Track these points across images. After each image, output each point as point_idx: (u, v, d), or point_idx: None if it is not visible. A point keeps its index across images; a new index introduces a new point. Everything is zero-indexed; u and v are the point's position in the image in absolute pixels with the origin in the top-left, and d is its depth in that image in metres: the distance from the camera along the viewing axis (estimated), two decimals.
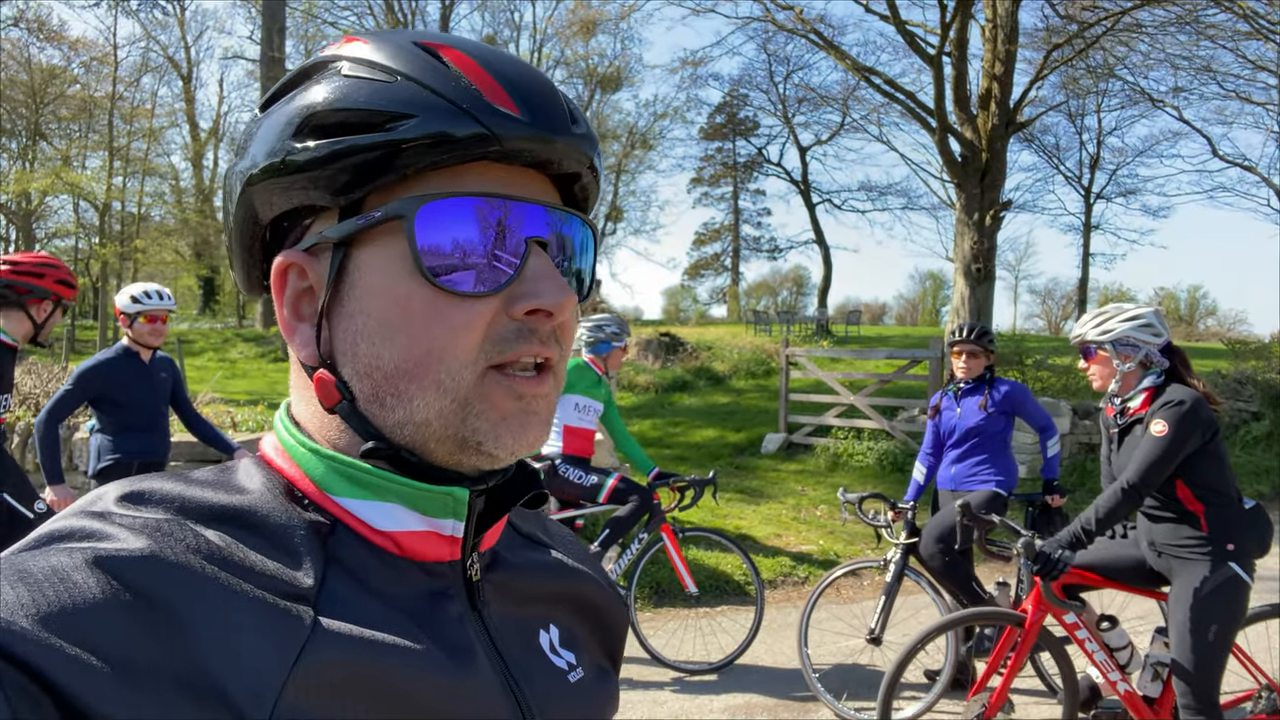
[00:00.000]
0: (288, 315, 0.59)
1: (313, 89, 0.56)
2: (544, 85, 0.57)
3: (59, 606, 0.43)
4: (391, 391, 0.55)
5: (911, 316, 57.22)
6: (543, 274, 0.56)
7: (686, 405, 14.13)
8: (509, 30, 28.60)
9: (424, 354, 0.54)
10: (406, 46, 0.56)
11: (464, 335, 0.54)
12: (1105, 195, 30.74)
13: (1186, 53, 20.96)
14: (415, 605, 0.56)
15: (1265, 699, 3.34)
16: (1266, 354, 14.61)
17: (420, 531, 0.57)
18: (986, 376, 4.47)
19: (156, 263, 28.61)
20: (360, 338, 0.56)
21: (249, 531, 0.53)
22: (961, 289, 14.33)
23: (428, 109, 0.53)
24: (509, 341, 0.55)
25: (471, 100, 0.54)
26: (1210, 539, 2.97)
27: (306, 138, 0.54)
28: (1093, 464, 9.93)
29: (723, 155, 39.80)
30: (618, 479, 4.63)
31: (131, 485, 0.53)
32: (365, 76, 0.55)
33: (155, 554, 0.47)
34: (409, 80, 0.54)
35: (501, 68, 0.56)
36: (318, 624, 0.50)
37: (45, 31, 25.66)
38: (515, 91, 0.55)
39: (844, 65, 16.45)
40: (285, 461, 0.59)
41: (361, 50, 0.56)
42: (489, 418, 0.55)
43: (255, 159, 0.57)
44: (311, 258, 0.58)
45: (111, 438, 4.14)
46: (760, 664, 4.75)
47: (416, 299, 0.54)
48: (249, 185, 0.57)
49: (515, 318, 0.55)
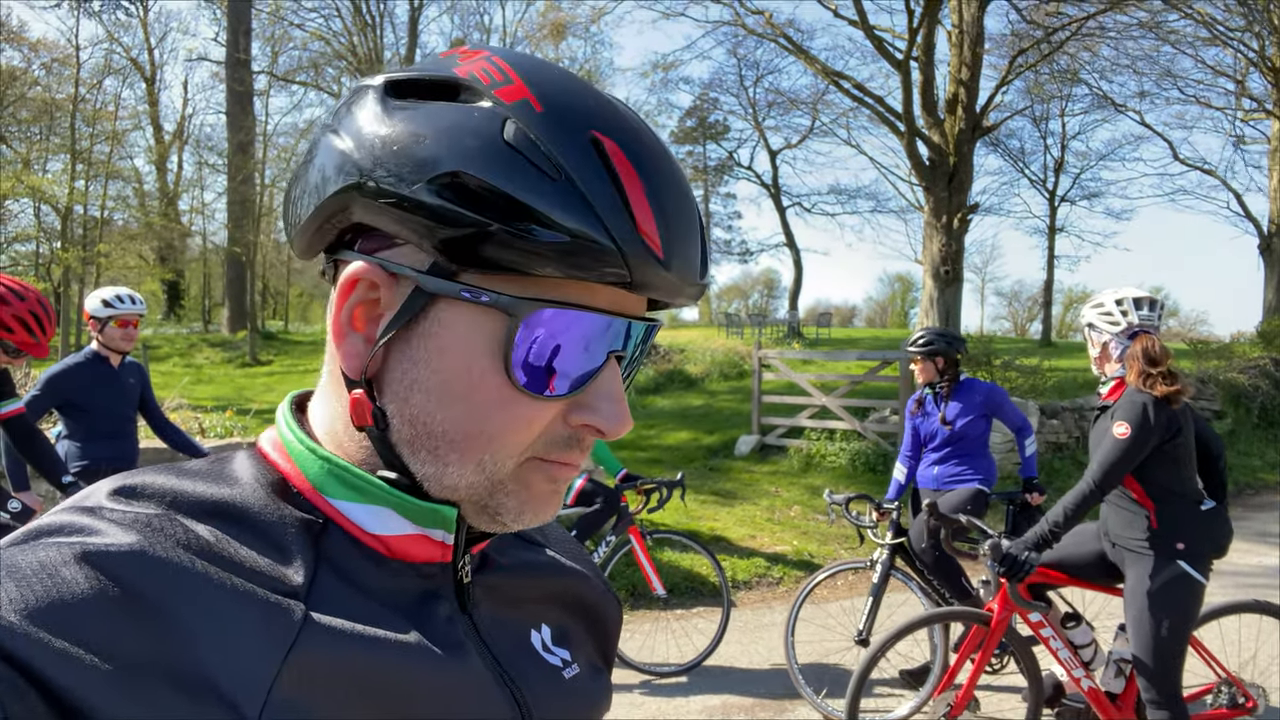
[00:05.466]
0: (343, 320, 0.56)
1: (468, 140, 0.51)
2: (692, 224, 0.55)
3: (47, 602, 0.43)
4: (431, 449, 0.55)
5: (881, 318, 57.70)
6: (609, 394, 0.56)
7: (660, 408, 14.15)
8: (479, 34, 28.47)
9: (477, 432, 0.54)
10: (580, 134, 0.52)
11: (523, 431, 0.54)
12: (1069, 198, 31.12)
13: (1148, 58, 21.38)
14: (405, 604, 0.56)
15: (1225, 693, 3.42)
16: (1228, 354, 14.93)
17: (411, 535, 0.57)
18: (956, 379, 4.54)
19: (120, 267, 28.10)
20: (417, 387, 0.54)
21: (241, 527, 0.52)
22: (930, 291, 14.49)
23: (576, 220, 0.50)
24: (558, 446, 0.56)
25: (625, 233, 0.51)
26: (1159, 535, 3.02)
27: (442, 189, 0.50)
28: (1060, 463, 10.09)
29: (694, 159, 39.84)
30: (584, 481, 4.65)
31: (124, 480, 0.53)
32: (527, 157, 0.50)
33: (144, 549, 0.47)
34: (570, 183, 0.50)
35: (660, 191, 0.53)
36: (309, 619, 0.50)
37: (5, 32, 25.16)
38: (666, 228, 0.53)
39: (813, 70, 16.59)
40: (282, 457, 0.59)
41: (532, 115, 0.51)
42: (520, 497, 0.56)
43: (374, 166, 0.52)
44: (391, 278, 0.54)
45: (79, 444, 4.08)
46: (737, 665, 4.78)
47: (490, 382, 0.53)
48: (352, 188, 0.52)
49: (571, 426, 0.56)
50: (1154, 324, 3.17)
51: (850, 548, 7.23)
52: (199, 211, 32.94)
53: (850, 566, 4.38)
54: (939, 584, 4.19)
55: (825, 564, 5.53)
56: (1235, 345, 16.64)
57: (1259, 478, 10.75)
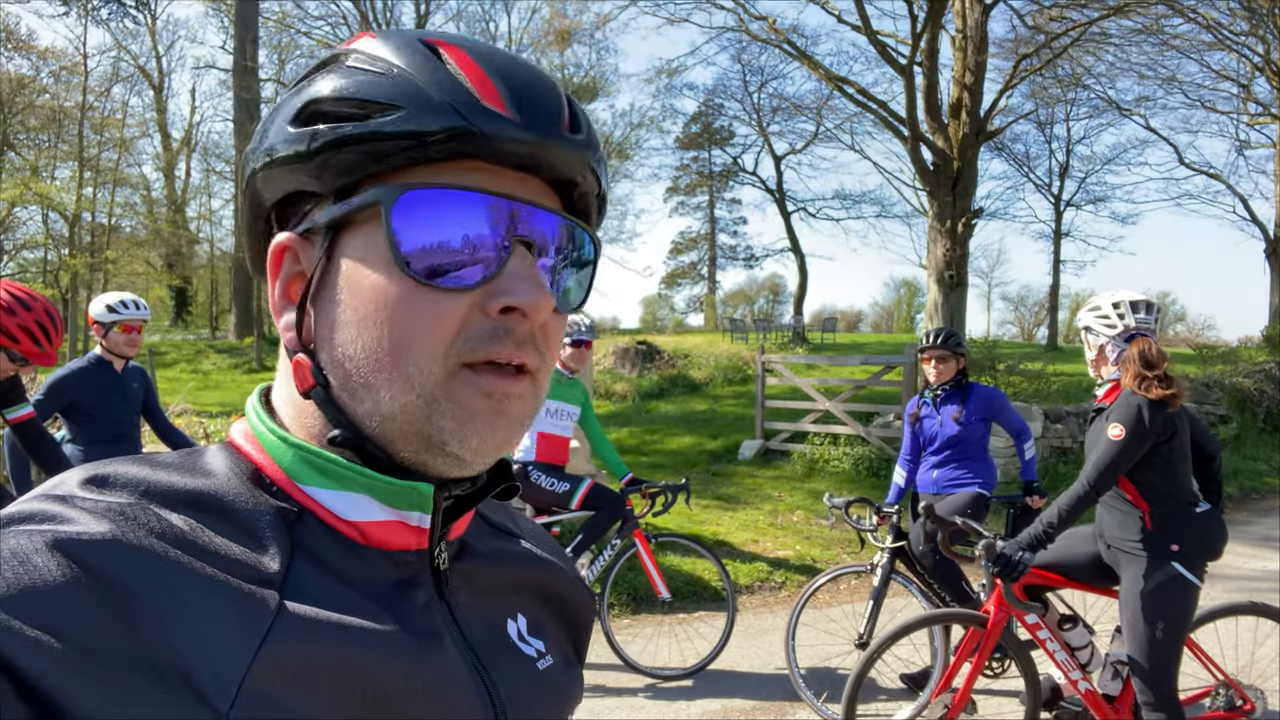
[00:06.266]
0: (278, 297, 0.59)
1: (318, 80, 0.56)
2: (544, 87, 0.57)
3: (19, 589, 0.42)
4: (361, 382, 0.55)
5: (886, 323, 57.64)
6: (522, 274, 0.54)
7: (664, 413, 14.17)
8: (485, 40, 28.57)
9: (394, 345, 0.53)
10: (409, 42, 0.56)
11: (434, 329, 0.53)
12: (1075, 203, 31.16)
13: (1152, 62, 21.37)
14: (382, 592, 0.56)
15: (1223, 695, 3.41)
16: (1233, 359, 14.92)
17: (386, 521, 0.57)
18: (962, 382, 4.56)
19: (127, 273, 28.27)
20: (337, 325, 0.55)
21: (214, 516, 0.52)
22: (935, 296, 14.50)
23: (415, 102, 0.53)
24: (483, 340, 0.54)
25: (460, 96, 0.54)
26: (1153, 537, 3.02)
27: (303, 125, 0.55)
28: (1065, 467, 10.06)
29: (698, 164, 39.99)
30: (590, 485, 4.65)
31: (95, 469, 0.52)
32: (364, 68, 0.55)
33: (117, 537, 0.46)
34: (402, 73, 0.54)
35: (501, 66, 0.56)
36: (283, 608, 0.49)
37: (13, 40, 25.36)
38: (510, 90, 0.55)
39: (817, 75, 16.61)
40: (254, 448, 0.59)
41: (368, 45, 0.57)
42: (455, 416, 0.54)
43: (259, 145, 0.58)
44: (305, 242, 0.57)
45: (83, 448, 4.11)
46: (737, 669, 4.79)
47: (391, 289, 0.53)
48: (254, 170, 0.58)
49: (491, 316, 0.54)
50: (1151, 327, 3.19)
51: (852, 552, 7.23)
52: (206, 218, 33.15)
53: (851, 570, 4.38)
54: (939, 588, 4.19)
55: (827, 568, 5.53)
56: (1241, 350, 16.63)
57: (1264, 482, 10.71)
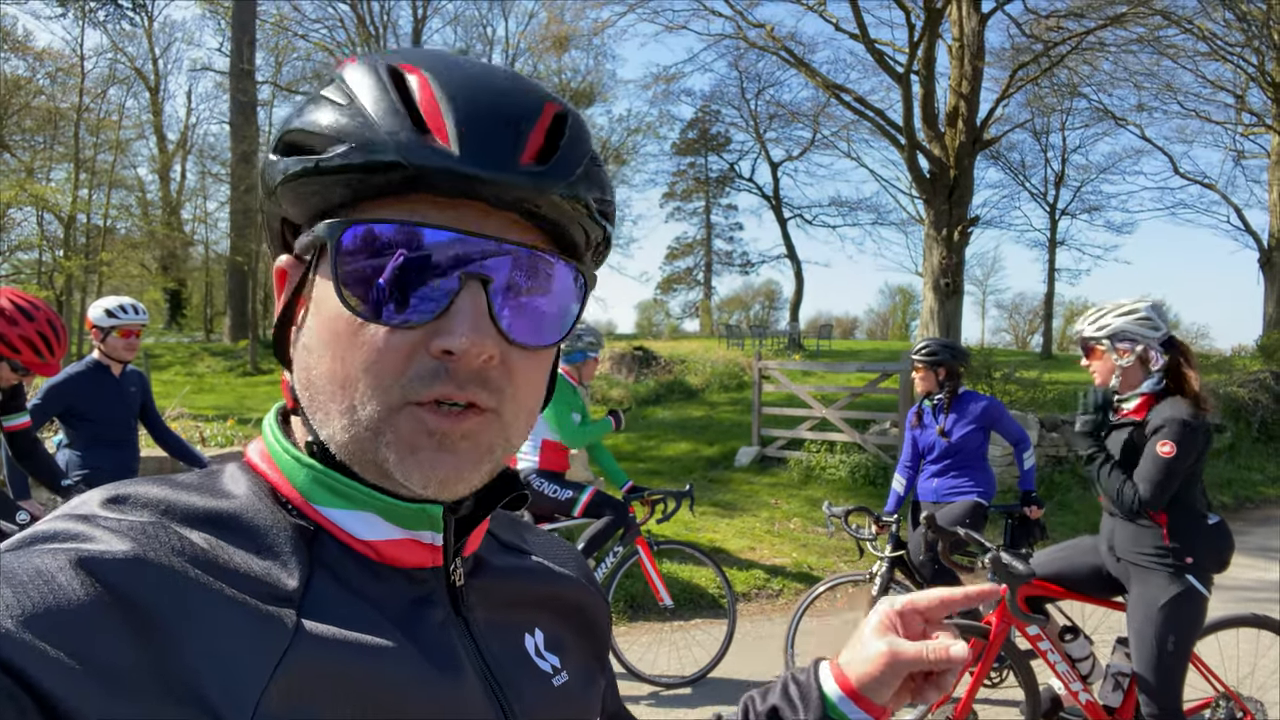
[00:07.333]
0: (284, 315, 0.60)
1: (303, 109, 0.56)
2: (504, 117, 0.54)
3: (43, 608, 0.43)
4: (320, 407, 0.56)
5: (882, 330, 57.67)
6: (466, 313, 0.52)
7: (660, 419, 14.15)
8: (481, 45, 28.59)
9: (344, 378, 0.54)
10: (373, 71, 0.55)
11: (375, 365, 0.53)
12: (1070, 211, 31.25)
13: (1148, 72, 21.46)
14: (398, 611, 0.56)
15: (1223, 708, 3.41)
16: (1228, 367, 14.97)
17: (400, 539, 0.57)
18: (955, 393, 4.55)
19: (122, 275, 28.14)
20: (305, 349, 0.57)
21: (234, 535, 0.52)
22: (931, 303, 14.52)
23: (358, 136, 0.52)
24: (425, 380, 0.53)
25: (402, 129, 0.52)
26: (1171, 550, 2.99)
27: (279, 155, 0.56)
28: (1061, 476, 10.06)
29: (695, 170, 40.01)
30: (593, 493, 4.64)
31: (117, 489, 0.52)
32: (331, 99, 0.55)
33: (139, 556, 0.47)
34: (356, 106, 0.53)
35: (464, 95, 0.53)
36: (301, 628, 0.50)
37: (10, 41, 25.29)
38: (459, 121, 0.52)
39: (814, 82, 16.67)
40: (270, 467, 0.59)
41: (347, 72, 0.56)
42: (397, 449, 0.54)
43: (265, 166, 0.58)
44: (298, 266, 0.58)
45: (80, 453, 4.09)
46: (736, 677, 4.77)
47: (341, 322, 0.54)
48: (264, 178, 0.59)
49: (433, 355, 0.53)
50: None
51: (850, 560, 7.22)
52: (202, 221, 32.95)
53: (850, 579, 4.37)
54: None
55: (825, 576, 5.52)
56: (1235, 359, 16.69)
57: (1259, 492, 10.74)
